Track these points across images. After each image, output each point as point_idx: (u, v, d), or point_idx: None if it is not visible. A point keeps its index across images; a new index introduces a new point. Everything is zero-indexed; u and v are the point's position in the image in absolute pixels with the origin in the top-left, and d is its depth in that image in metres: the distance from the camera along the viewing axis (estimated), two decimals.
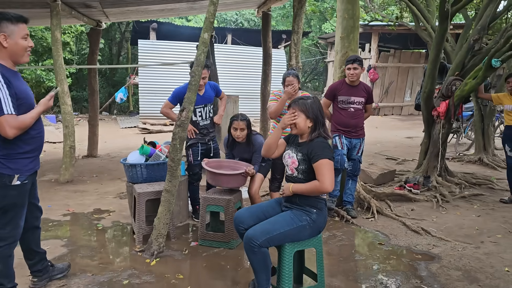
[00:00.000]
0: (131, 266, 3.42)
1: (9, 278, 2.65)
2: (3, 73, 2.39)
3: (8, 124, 2.36)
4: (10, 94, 2.37)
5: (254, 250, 2.55)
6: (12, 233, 2.59)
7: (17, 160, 2.51)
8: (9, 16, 2.43)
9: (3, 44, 2.42)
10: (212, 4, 3.33)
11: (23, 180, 2.55)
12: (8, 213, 2.54)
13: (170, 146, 3.51)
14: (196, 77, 3.43)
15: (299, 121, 2.71)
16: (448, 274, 3.28)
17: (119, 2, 6.61)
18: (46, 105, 2.65)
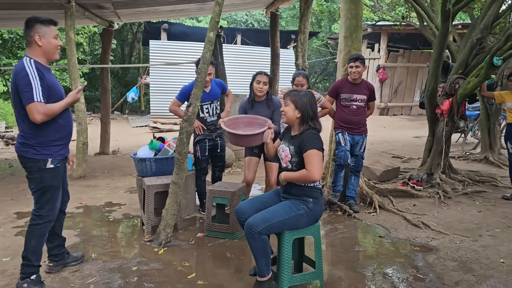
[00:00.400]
0: (140, 254, 3.60)
1: (37, 256, 2.92)
2: (38, 67, 2.73)
3: (36, 110, 2.68)
4: (42, 85, 2.70)
5: (254, 237, 2.69)
6: (49, 212, 2.92)
7: (49, 147, 2.84)
8: (42, 19, 2.79)
9: (38, 43, 2.77)
10: (218, 4, 3.49)
11: (56, 164, 2.88)
12: (46, 194, 2.88)
13: (178, 140, 3.68)
14: (202, 74, 3.59)
15: (287, 109, 2.87)
16: (444, 264, 3.39)
17: (131, 3, 6.82)
18: (74, 97, 2.95)
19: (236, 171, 7.00)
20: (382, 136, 11.31)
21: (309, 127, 2.85)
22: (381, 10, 9.42)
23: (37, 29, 2.76)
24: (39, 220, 2.88)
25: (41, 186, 2.84)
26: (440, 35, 5.45)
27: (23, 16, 7.51)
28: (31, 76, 2.67)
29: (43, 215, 2.89)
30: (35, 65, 2.73)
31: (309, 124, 2.85)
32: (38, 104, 2.68)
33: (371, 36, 16.41)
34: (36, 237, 2.89)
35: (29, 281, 2.87)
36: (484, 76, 5.20)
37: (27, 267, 2.89)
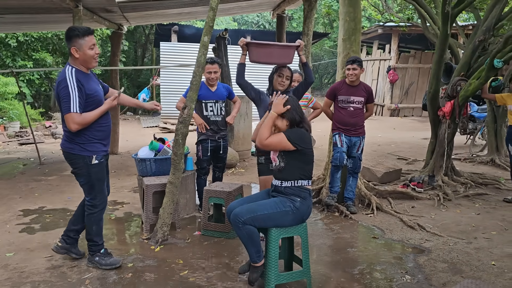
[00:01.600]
0: (137, 251, 3.72)
1: (100, 236, 3.37)
2: (78, 78, 2.96)
3: (72, 120, 2.95)
4: (79, 95, 2.94)
5: (238, 226, 2.82)
6: (102, 200, 3.30)
7: (93, 144, 3.14)
8: (77, 32, 2.98)
9: (75, 55, 3.00)
10: (211, 10, 3.58)
11: (100, 159, 3.19)
12: (95, 186, 3.23)
13: (173, 141, 3.79)
14: (197, 77, 3.69)
15: (277, 123, 2.95)
16: (434, 266, 3.42)
17: (138, 6, 6.97)
18: (110, 104, 3.16)
19: (240, 172, 7.09)
20: (391, 137, 11.27)
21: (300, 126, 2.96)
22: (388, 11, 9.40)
23: (73, 42, 2.97)
24: (94, 209, 3.26)
25: (90, 179, 3.18)
26: (440, 37, 5.45)
27: (35, 20, 7.77)
28: (70, 88, 2.90)
29: (96, 204, 3.26)
30: (75, 75, 2.96)
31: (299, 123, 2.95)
32: (75, 115, 2.93)
33: (382, 37, 16.33)
34: (95, 223, 3.29)
35: (99, 254, 3.34)
36: (485, 78, 5.18)
37: (95, 246, 3.34)
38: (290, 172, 2.92)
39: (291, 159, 2.91)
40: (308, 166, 2.96)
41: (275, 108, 2.92)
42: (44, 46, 13.83)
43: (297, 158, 2.91)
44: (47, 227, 4.38)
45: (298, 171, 2.92)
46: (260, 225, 2.87)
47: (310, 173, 2.99)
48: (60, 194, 5.68)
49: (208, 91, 4.62)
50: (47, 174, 7.00)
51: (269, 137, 2.88)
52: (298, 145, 2.87)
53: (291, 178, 2.92)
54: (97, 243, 3.35)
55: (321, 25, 24.23)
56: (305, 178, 2.96)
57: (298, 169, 2.92)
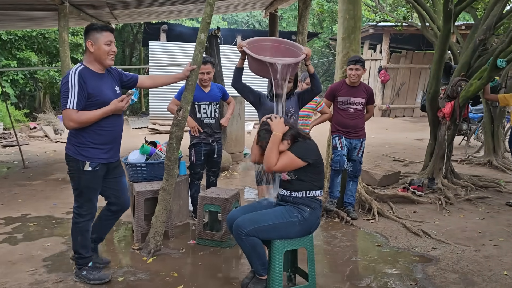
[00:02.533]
0: (128, 263, 3.47)
1: (87, 249, 3.12)
2: (82, 75, 2.79)
3: (67, 116, 2.76)
4: (79, 92, 2.75)
5: (241, 237, 2.61)
6: (88, 211, 3.05)
7: (89, 149, 2.90)
8: (95, 26, 2.88)
9: (90, 49, 2.85)
10: (209, 5, 3.35)
11: (94, 167, 2.93)
12: (83, 194, 2.99)
13: (167, 145, 3.55)
14: (193, 77, 3.45)
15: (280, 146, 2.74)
16: (444, 276, 3.24)
17: (126, 4, 6.70)
18: (116, 105, 2.89)
19: (233, 175, 6.86)
20: (384, 138, 11.15)
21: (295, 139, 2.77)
22: (382, 11, 9.26)
23: (89, 35, 2.85)
24: (79, 218, 3.03)
25: (79, 186, 2.97)
26: (442, 36, 5.29)
27: (18, 17, 7.44)
28: (70, 84, 2.74)
29: (81, 213, 3.03)
30: (80, 72, 2.80)
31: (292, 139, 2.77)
32: (70, 111, 2.75)
33: (373, 37, 16.24)
34: (80, 233, 3.05)
35: (87, 269, 3.10)
36: (487, 78, 5.03)
37: (81, 259, 3.10)
38: (301, 184, 2.73)
39: (302, 172, 2.72)
40: (320, 176, 2.76)
41: (277, 129, 2.70)
42: (28, 45, 13.42)
43: (309, 170, 2.73)
44: (31, 236, 4.09)
45: (310, 182, 2.73)
46: (264, 236, 2.66)
47: (322, 183, 2.80)
48: (45, 200, 5.38)
49: (201, 92, 4.38)
50: (32, 178, 6.68)
51: (278, 161, 2.65)
52: (309, 159, 2.68)
53: (302, 189, 2.73)
54: (83, 256, 3.10)
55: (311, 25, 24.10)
56: (317, 188, 2.77)
57: (310, 180, 2.73)
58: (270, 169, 2.64)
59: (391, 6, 12.41)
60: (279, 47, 3.26)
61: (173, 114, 4.29)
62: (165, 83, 3.45)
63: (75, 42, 13.43)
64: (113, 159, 3.09)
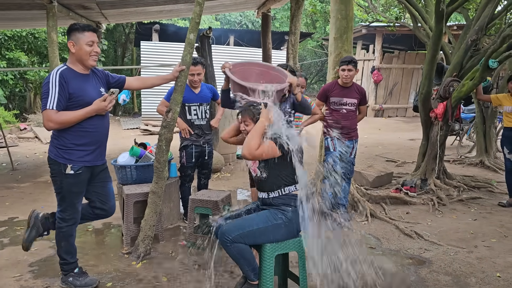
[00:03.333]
0: (117, 268, 3.40)
1: (71, 254, 3.03)
2: (63, 75, 2.72)
3: (47, 117, 2.67)
4: (60, 92, 2.68)
5: (227, 244, 2.55)
6: (71, 216, 2.94)
7: (71, 151, 2.82)
8: (77, 26, 2.80)
9: (71, 50, 2.79)
10: (198, 5, 3.30)
11: (76, 170, 2.83)
12: (66, 199, 2.90)
13: (156, 147, 3.49)
14: (182, 78, 3.40)
15: (249, 128, 2.71)
16: (437, 279, 3.21)
17: (117, 3, 6.62)
18: (98, 105, 2.79)
19: (225, 176, 6.80)
20: (377, 138, 11.15)
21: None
22: (375, 11, 9.25)
23: (71, 36, 2.79)
24: (63, 223, 2.94)
25: (61, 190, 2.87)
26: (434, 37, 5.27)
27: (6, 17, 7.32)
28: (51, 84, 2.67)
29: (65, 218, 2.93)
30: (62, 72, 2.74)
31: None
32: (50, 111, 2.66)
33: (366, 37, 16.25)
34: (63, 239, 2.96)
35: (73, 275, 3.02)
36: (479, 79, 5.02)
37: (66, 265, 3.02)
38: (274, 181, 2.68)
39: (272, 167, 2.66)
40: (289, 170, 2.68)
41: (265, 117, 2.65)
42: (18, 45, 13.26)
43: (279, 164, 2.66)
44: (18, 241, 4.00)
45: (282, 178, 2.67)
46: (250, 242, 2.60)
47: (293, 177, 2.72)
48: (33, 203, 5.29)
49: (191, 94, 4.30)
50: (20, 181, 6.58)
51: (260, 146, 2.60)
52: (283, 150, 2.61)
53: (276, 187, 2.68)
54: (68, 262, 3.02)
55: (304, 25, 24.10)
56: (290, 183, 2.69)
57: (281, 175, 2.67)
58: (251, 153, 2.55)
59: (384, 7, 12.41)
60: (267, 72, 3.15)
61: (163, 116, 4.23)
62: (154, 84, 3.38)
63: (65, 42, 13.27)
64: (98, 162, 2.99)
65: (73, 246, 3.03)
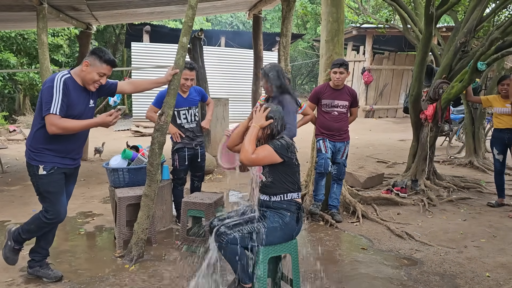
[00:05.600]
0: (109, 271, 3.39)
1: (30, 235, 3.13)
2: (67, 83, 2.80)
3: (50, 121, 2.75)
4: (63, 99, 2.76)
5: (222, 246, 2.56)
6: (54, 216, 3.00)
7: (41, 154, 2.89)
8: (102, 54, 2.90)
9: (83, 68, 2.89)
10: (191, 8, 3.30)
11: (48, 170, 2.90)
12: (45, 199, 2.98)
13: (149, 150, 3.49)
14: (175, 81, 3.40)
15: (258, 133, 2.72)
16: (428, 279, 3.26)
17: (107, 5, 6.59)
18: (103, 120, 2.91)
19: (217, 178, 6.81)
20: (368, 139, 11.23)
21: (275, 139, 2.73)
22: (365, 13, 9.32)
23: (92, 57, 2.89)
24: (45, 220, 3.01)
25: (38, 190, 2.96)
26: (423, 39, 5.34)
27: None
28: (56, 89, 2.74)
29: (48, 217, 3.00)
30: (66, 80, 2.81)
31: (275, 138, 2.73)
32: (53, 116, 2.73)
33: (356, 39, 16.37)
34: (36, 225, 3.04)
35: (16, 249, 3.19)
36: (468, 81, 5.09)
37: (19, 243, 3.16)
38: (279, 186, 2.68)
39: (277, 172, 2.68)
40: (295, 177, 2.72)
41: (257, 121, 2.67)
42: (7, 46, 13.12)
43: (284, 170, 2.68)
44: None
45: (287, 184, 2.69)
46: (246, 244, 2.62)
47: (299, 185, 2.77)
48: (24, 206, 5.25)
49: (180, 98, 4.27)
50: (10, 183, 6.52)
51: (255, 151, 2.61)
52: (285, 156, 2.63)
53: (280, 192, 2.69)
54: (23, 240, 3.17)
55: (295, 26, 24.17)
56: (295, 190, 2.73)
57: (286, 181, 2.69)
58: (248, 159, 2.57)
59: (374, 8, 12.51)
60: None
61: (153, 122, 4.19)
62: (147, 88, 3.40)
63: (55, 43, 13.20)
64: (70, 165, 3.06)
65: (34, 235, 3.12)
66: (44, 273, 3.19)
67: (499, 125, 5.13)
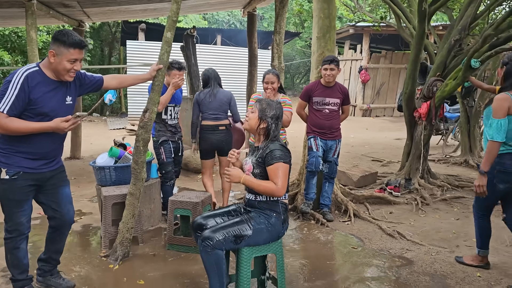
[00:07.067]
0: (93, 271, 3.32)
1: (20, 269, 2.76)
2: (29, 79, 2.49)
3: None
4: (17, 96, 2.44)
5: (207, 250, 2.48)
6: (14, 227, 2.66)
7: (7, 155, 2.57)
8: (64, 38, 2.53)
9: (50, 59, 2.56)
10: (175, 3, 3.23)
11: (11, 175, 2.56)
12: (4, 208, 2.64)
13: (134, 148, 3.42)
14: (159, 77, 3.33)
15: (251, 116, 2.69)
16: (417, 279, 3.20)
17: (99, 1, 6.50)
18: (57, 125, 2.56)
19: None
20: (364, 138, 11.17)
21: (276, 139, 2.67)
22: (361, 11, 9.25)
23: (55, 45, 2.55)
24: (7, 234, 2.69)
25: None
26: (417, 36, 5.28)
27: None
28: (11, 84, 2.45)
29: (7, 229, 2.69)
30: (28, 76, 2.50)
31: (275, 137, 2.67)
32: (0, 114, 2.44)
33: (353, 37, 16.30)
34: (9, 251, 2.72)
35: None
36: (462, 78, 5.02)
37: (14, 281, 2.80)
38: None
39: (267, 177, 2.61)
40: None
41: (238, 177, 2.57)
42: (1, 44, 13.03)
43: None
44: None
45: None
46: (231, 246, 2.55)
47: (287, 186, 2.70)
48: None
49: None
50: None
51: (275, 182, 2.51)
52: (289, 161, 2.62)
53: None
54: (16, 278, 2.78)
55: (293, 24, 24.11)
56: None
57: None
58: (277, 193, 2.51)
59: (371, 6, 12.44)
60: None
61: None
62: (131, 83, 3.29)
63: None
64: (44, 170, 2.70)
65: (21, 261, 2.75)
66: (55, 282, 2.97)
67: None
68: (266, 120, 2.66)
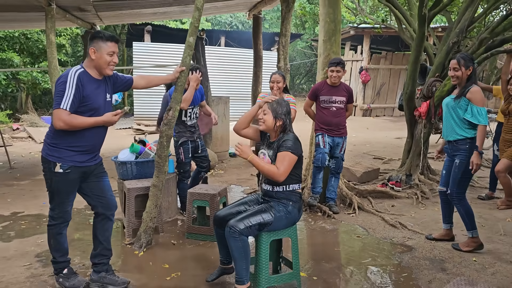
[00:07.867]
0: (120, 257, 3.62)
1: (61, 252, 3.04)
2: (80, 78, 2.78)
3: (58, 116, 2.71)
4: (75, 95, 2.73)
5: (235, 236, 2.73)
6: (60, 215, 2.97)
7: (61, 150, 2.84)
8: (101, 35, 2.87)
9: (91, 56, 2.84)
10: (197, 10, 3.53)
11: (65, 169, 2.84)
12: (55, 197, 2.93)
13: (158, 143, 3.71)
14: (182, 78, 3.63)
15: (266, 118, 2.94)
16: (418, 263, 3.49)
17: (113, 6, 6.80)
18: (109, 119, 2.90)
19: (219, 173, 7.04)
20: (365, 137, 11.46)
21: (289, 131, 2.96)
22: (362, 13, 9.56)
23: (94, 43, 2.86)
24: (52, 221, 2.99)
25: (51, 188, 2.92)
26: (417, 39, 5.57)
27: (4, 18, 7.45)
28: (68, 84, 2.72)
29: (54, 216, 2.98)
30: (79, 74, 2.79)
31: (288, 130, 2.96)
32: (62, 111, 2.71)
33: (354, 38, 16.60)
34: (53, 236, 3.00)
35: (62, 275, 3.03)
36: None
37: (55, 263, 3.04)
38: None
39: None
40: (299, 170, 2.96)
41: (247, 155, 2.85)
42: (10, 45, 13.30)
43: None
44: (23, 234, 4.21)
45: (290, 176, 2.89)
46: (255, 233, 2.83)
47: (300, 177, 3.00)
48: (34, 199, 5.47)
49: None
50: (19, 178, 6.74)
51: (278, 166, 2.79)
52: (299, 153, 2.88)
53: (283, 183, 2.90)
54: (57, 261, 3.03)
55: (294, 26, 24.40)
56: (296, 182, 2.95)
57: (291, 174, 2.89)
58: (278, 176, 2.78)
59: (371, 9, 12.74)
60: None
61: None
62: (157, 84, 3.53)
63: (58, 43, 13.37)
64: (90, 163, 2.98)
65: (62, 245, 3.03)
66: (111, 279, 3.10)
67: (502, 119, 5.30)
68: (281, 118, 2.94)
